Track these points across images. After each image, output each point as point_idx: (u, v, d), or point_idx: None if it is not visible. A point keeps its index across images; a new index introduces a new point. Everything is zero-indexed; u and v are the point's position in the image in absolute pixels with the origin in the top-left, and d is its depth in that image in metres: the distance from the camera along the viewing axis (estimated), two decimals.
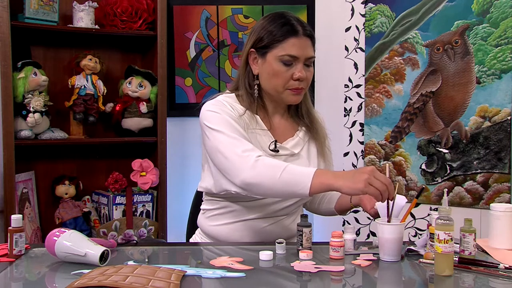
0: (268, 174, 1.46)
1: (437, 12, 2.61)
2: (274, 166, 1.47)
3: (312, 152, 1.75)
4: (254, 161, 1.48)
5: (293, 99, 1.67)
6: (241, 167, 1.49)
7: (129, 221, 2.59)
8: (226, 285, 1.24)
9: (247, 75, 1.70)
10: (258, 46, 1.65)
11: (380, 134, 2.80)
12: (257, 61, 1.66)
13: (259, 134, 1.67)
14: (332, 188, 1.42)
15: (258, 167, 1.47)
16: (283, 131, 1.73)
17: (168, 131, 2.72)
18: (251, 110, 1.67)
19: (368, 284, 1.33)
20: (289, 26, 1.61)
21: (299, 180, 1.44)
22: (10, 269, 1.36)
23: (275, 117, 1.74)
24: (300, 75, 1.61)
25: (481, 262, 1.38)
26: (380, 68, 2.80)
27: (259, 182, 1.47)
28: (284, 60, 1.61)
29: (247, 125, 1.64)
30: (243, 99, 1.69)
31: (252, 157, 1.48)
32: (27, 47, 2.59)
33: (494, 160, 2.46)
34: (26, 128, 2.42)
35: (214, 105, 1.64)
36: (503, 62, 2.43)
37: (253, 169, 1.47)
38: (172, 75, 2.94)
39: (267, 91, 1.68)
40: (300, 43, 1.61)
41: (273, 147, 1.67)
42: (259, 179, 1.47)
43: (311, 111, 1.77)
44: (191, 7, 2.96)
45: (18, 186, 2.47)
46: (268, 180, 1.46)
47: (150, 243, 2.14)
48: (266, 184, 1.46)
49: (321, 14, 2.99)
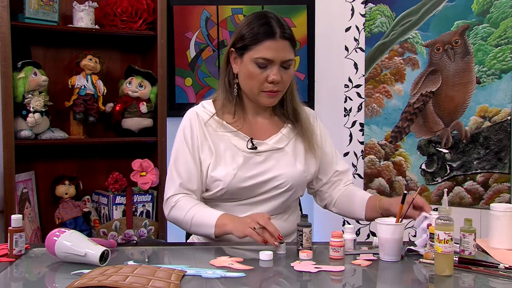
0: (182, 222, 1.66)
1: (437, 12, 2.61)
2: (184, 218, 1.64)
3: (299, 148, 1.74)
4: (171, 208, 1.67)
5: (267, 102, 1.67)
6: (165, 209, 1.71)
7: (129, 221, 2.59)
8: (226, 285, 1.24)
9: (228, 73, 1.71)
10: (237, 46, 1.65)
11: (380, 134, 2.80)
12: (237, 60, 1.67)
13: (229, 136, 1.68)
14: (228, 232, 1.54)
15: (174, 214, 1.67)
16: (266, 129, 1.73)
17: (168, 131, 2.72)
18: (227, 109, 1.70)
19: (368, 284, 1.33)
20: (267, 27, 1.61)
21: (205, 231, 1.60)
22: (10, 269, 1.36)
23: (258, 116, 1.74)
24: (274, 77, 1.60)
25: (481, 262, 1.38)
26: (380, 68, 2.80)
27: (178, 225, 1.70)
28: (259, 62, 1.61)
29: (214, 130, 1.69)
30: (219, 101, 1.72)
31: (170, 205, 1.68)
32: (27, 47, 2.59)
33: (494, 160, 2.46)
34: (26, 128, 2.42)
35: (187, 119, 1.73)
36: (503, 62, 2.43)
37: (170, 215, 1.69)
38: (172, 75, 2.94)
39: (244, 92, 1.70)
40: (276, 46, 1.60)
41: (251, 145, 1.67)
42: (177, 223, 1.70)
43: (297, 108, 1.76)
44: (191, 7, 2.96)
45: (18, 186, 2.47)
46: (183, 227, 1.68)
47: (150, 243, 2.14)
48: (183, 228, 1.70)
49: (321, 14, 2.99)
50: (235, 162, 1.65)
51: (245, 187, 1.65)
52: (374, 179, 2.82)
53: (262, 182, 1.66)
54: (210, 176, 1.66)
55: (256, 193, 1.67)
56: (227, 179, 1.63)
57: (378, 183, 2.81)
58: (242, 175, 1.64)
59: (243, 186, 1.64)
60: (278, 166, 1.68)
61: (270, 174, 1.67)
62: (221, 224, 1.55)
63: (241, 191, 1.65)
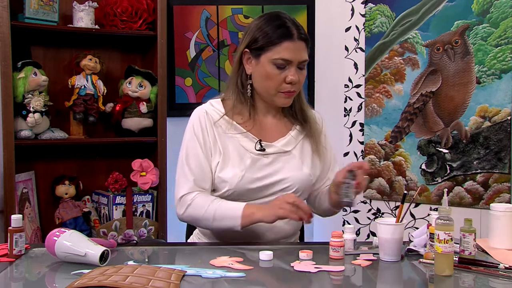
0: (202, 218, 1.63)
1: (437, 12, 2.61)
2: (205, 213, 1.61)
3: (306, 150, 1.74)
4: (187, 206, 1.65)
5: (284, 102, 1.68)
6: (179, 208, 1.68)
7: (129, 221, 2.59)
8: (226, 285, 1.24)
9: (240, 74, 1.71)
10: (253, 47, 1.65)
11: (380, 134, 2.80)
12: (250, 61, 1.67)
13: (238, 137, 1.68)
14: (257, 220, 1.57)
15: (192, 211, 1.64)
16: (275, 130, 1.73)
17: (168, 131, 2.72)
18: (237, 110, 1.69)
19: (368, 284, 1.33)
20: (284, 28, 1.61)
21: (229, 223, 1.59)
22: (10, 269, 1.36)
23: (268, 117, 1.74)
24: (293, 78, 1.62)
25: (481, 262, 1.38)
26: (380, 68, 2.80)
27: (197, 223, 1.70)
28: (278, 63, 1.61)
29: (223, 131, 1.68)
30: (229, 102, 1.71)
31: (186, 203, 1.65)
32: (27, 47, 2.59)
33: (494, 160, 2.46)
34: (26, 128, 2.42)
35: (196, 115, 1.71)
36: (503, 62, 2.43)
37: (187, 213, 1.66)
38: (172, 75, 2.94)
39: (259, 92, 1.69)
40: (294, 47, 1.61)
41: (259, 147, 1.67)
42: (195, 221, 1.68)
43: (305, 109, 1.77)
44: (191, 7, 2.96)
45: (18, 186, 2.47)
46: (203, 224, 1.66)
47: (150, 243, 2.14)
48: (203, 226, 1.69)
49: (321, 14, 2.99)
50: (242, 163, 1.65)
51: (252, 189, 1.65)
52: (374, 179, 2.82)
53: (269, 184, 1.66)
54: (218, 176, 1.66)
55: (263, 195, 1.67)
56: (235, 181, 1.63)
57: (378, 183, 2.81)
58: (249, 176, 1.63)
59: (250, 187, 1.64)
60: (284, 169, 1.68)
61: (277, 176, 1.67)
62: (248, 214, 1.57)
63: (248, 192, 1.65)
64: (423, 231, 1.51)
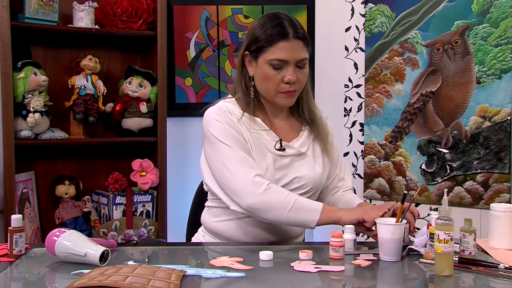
0: (278, 205, 1.53)
1: (437, 12, 2.61)
2: (283, 200, 1.53)
3: (316, 150, 1.75)
4: (265, 189, 1.53)
5: (285, 102, 1.67)
6: (252, 192, 1.53)
7: (129, 221, 2.59)
8: (226, 285, 1.24)
9: (244, 76, 1.70)
10: (251, 49, 1.65)
11: (380, 134, 2.80)
12: (251, 63, 1.67)
13: (262, 134, 1.67)
14: (335, 221, 1.53)
15: (268, 195, 1.53)
16: (287, 131, 1.73)
17: (168, 131, 2.72)
18: (249, 112, 1.67)
19: (368, 284, 1.33)
20: (279, 28, 1.60)
21: (307, 216, 1.53)
22: (10, 269, 1.36)
23: (277, 118, 1.74)
24: (290, 78, 1.60)
25: (481, 262, 1.38)
26: (380, 68, 2.80)
27: (267, 211, 1.54)
28: (274, 64, 1.60)
29: (247, 128, 1.64)
30: (241, 102, 1.70)
31: (264, 185, 1.53)
32: (27, 47, 2.59)
33: (494, 160, 2.46)
34: (26, 128, 2.42)
35: (218, 114, 1.64)
36: (503, 62, 2.43)
37: (263, 197, 1.53)
38: (172, 75, 2.94)
39: (261, 94, 1.69)
40: (290, 46, 1.60)
41: (279, 146, 1.67)
42: (267, 208, 1.53)
43: (312, 108, 1.76)
44: (191, 7, 2.96)
45: (18, 186, 2.47)
46: (275, 212, 1.53)
47: (150, 243, 2.14)
48: (272, 215, 1.54)
49: (321, 14, 2.99)
50: (264, 162, 1.63)
51: None
52: (374, 179, 2.82)
53: (287, 183, 1.66)
54: None
55: None
56: None
57: (378, 183, 2.81)
58: (269, 177, 1.61)
59: None
60: (300, 168, 1.68)
61: (293, 175, 1.66)
62: (329, 210, 1.55)
63: None
64: (423, 232, 1.52)
